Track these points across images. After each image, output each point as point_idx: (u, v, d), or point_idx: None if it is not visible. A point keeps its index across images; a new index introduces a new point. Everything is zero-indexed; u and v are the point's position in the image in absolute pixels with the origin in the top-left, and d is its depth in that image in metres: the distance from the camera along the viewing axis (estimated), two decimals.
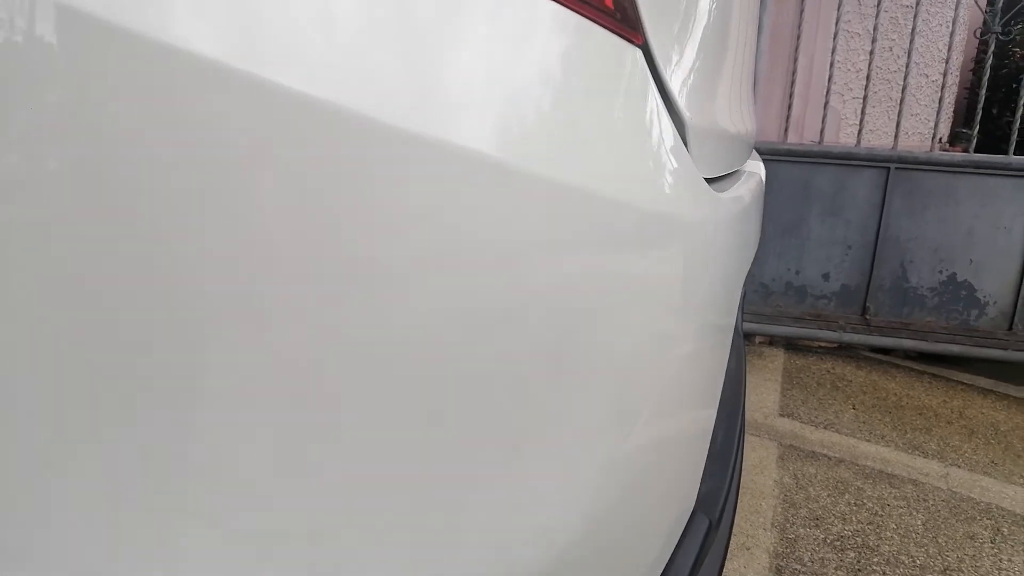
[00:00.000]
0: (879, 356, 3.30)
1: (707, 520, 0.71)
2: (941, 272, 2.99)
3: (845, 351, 3.29)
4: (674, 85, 0.55)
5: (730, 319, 0.72)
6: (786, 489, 2.18)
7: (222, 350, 0.29)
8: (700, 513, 0.70)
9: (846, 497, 2.14)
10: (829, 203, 2.99)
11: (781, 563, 1.81)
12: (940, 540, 1.98)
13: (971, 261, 2.96)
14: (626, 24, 0.47)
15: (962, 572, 1.85)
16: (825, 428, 2.60)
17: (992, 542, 2.00)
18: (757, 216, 0.92)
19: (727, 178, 0.79)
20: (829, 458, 2.38)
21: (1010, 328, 2.97)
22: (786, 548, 1.87)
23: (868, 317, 3.06)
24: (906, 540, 1.96)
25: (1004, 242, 2.92)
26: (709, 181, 0.66)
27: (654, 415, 0.50)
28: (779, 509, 2.06)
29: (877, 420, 2.71)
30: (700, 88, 0.63)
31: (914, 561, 1.88)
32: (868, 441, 2.53)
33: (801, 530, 1.96)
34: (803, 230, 3.03)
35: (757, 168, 0.90)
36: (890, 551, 1.90)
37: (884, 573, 1.81)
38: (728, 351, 0.75)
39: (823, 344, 3.21)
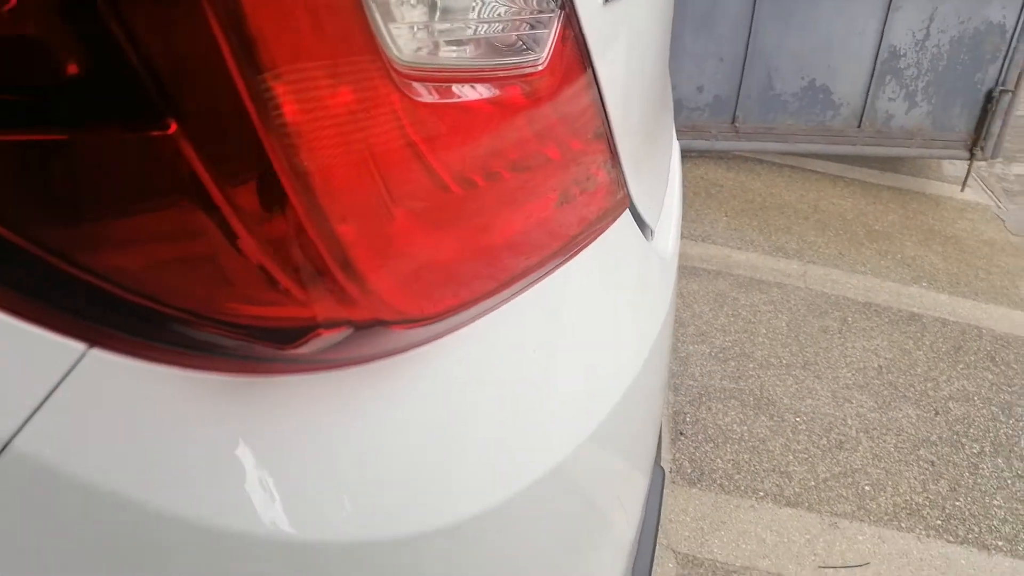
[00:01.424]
0: (746, 154, 3.60)
1: (661, 469, 0.93)
2: (803, 78, 3.22)
3: (716, 154, 3.56)
4: (644, 213, 0.69)
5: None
6: (675, 309, 2.50)
7: None
8: (657, 465, 0.92)
9: (725, 309, 2.49)
10: (702, 18, 3.08)
11: (677, 381, 2.15)
12: (801, 338, 2.38)
13: (828, 66, 3.19)
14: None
15: (818, 364, 2.27)
16: (703, 241, 2.91)
17: (840, 333, 2.42)
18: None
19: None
20: (708, 272, 2.70)
21: (859, 126, 3.29)
22: (680, 367, 2.21)
23: (737, 125, 3.30)
24: (774, 343, 2.35)
25: (857, 46, 3.15)
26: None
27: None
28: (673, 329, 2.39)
29: (746, 225, 3.04)
30: (650, 197, 0.76)
31: (781, 361, 2.27)
32: (740, 249, 2.87)
33: (691, 347, 2.30)
34: (678, 46, 3.13)
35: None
36: (762, 355, 2.29)
37: (759, 376, 2.20)
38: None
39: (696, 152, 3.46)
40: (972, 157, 3.31)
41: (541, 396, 0.51)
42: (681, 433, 1.97)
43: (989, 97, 3.20)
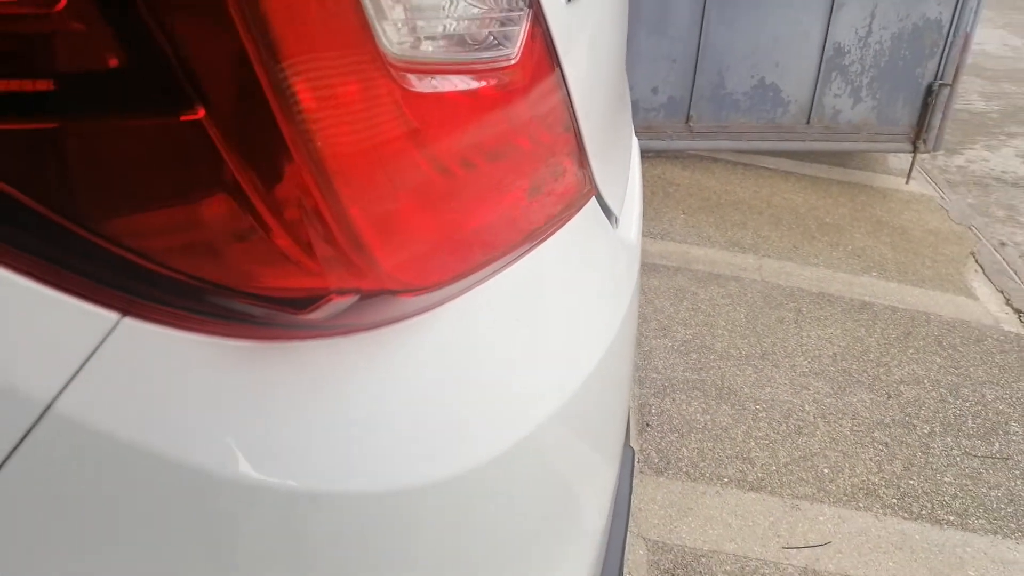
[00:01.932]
0: (702, 153, 3.68)
1: (631, 450, 0.97)
2: (753, 77, 3.31)
3: (672, 153, 3.63)
4: (609, 201, 0.72)
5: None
6: (638, 304, 2.55)
7: None
8: (627, 445, 0.96)
9: (685, 304, 2.55)
10: (655, 21, 3.15)
11: (642, 374, 2.20)
12: (758, 329, 2.45)
13: (777, 64, 3.28)
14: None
15: (775, 354, 2.34)
16: (662, 239, 2.97)
17: (796, 323, 2.50)
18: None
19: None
20: (668, 268, 2.76)
21: (808, 122, 3.39)
22: (644, 360, 2.26)
23: (691, 124, 3.37)
24: (734, 334, 2.41)
25: (803, 44, 3.25)
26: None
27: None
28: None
29: (703, 222, 3.11)
30: (614, 187, 0.79)
31: (740, 352, 2.33)
32: (697, 245, 2.94)
33: (654, 341, 2.35)
34: (633, 48, 3.20)
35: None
36: (722, 347, 2.35)
37: (720, 367, 2.26)
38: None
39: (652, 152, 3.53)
40: (915, 150, 3.43)
41: (519, 368, 0.55)
42: (647, 424, 2.01)
43: (929, 91, 3.33)
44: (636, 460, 1.88)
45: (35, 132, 0.34)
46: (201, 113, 0.35)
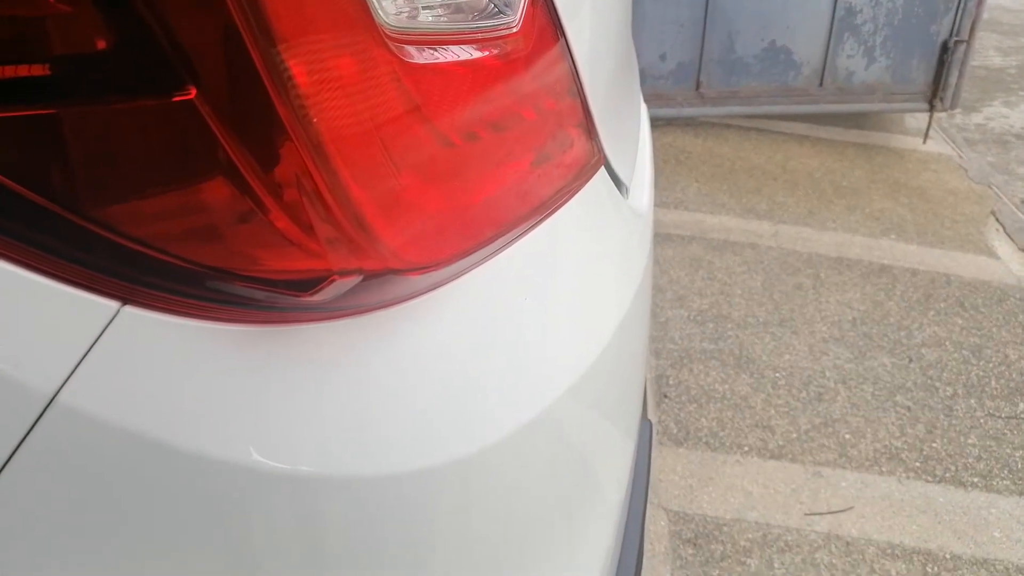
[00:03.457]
0: (713, 120, 3.63)
1: (649, 423, 0.96)
2: (763, 40, 3.24)
3: (683, 121, 3.59)
4: (619, 170, 0.71)
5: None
6: (652, 274, 2.53)
7: None
8: (645, 419, 0.95)
9: (701, 273, 2.53)
10: None
11: (659, 345, 2.19)
12: (776, 296, 2.43)
13: (788, 26, 3.21)
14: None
15: (794, 321, 2.31)
16: (675, 208, 2.94)
17: (814, 288, 2.47)
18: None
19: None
20: (682, 237, 2.74)
21: (821, 84, 3.33)
22: (660, 331, 2.24)
23: (702, 91, 3.32)
24: (750, 302, 2.39)
25: (814, 5, 3.18)
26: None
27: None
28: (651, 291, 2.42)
29: (717, 189, 3.08)
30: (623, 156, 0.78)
31: (758, 320, 2.31)
32: (712, 213, 2.91)
33: (670, 312, 2.34)
34: (639, 14, 3.14)
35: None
36: (739, 315, 2.33)
37: (737, 335, 2.24)
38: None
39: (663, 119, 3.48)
40: (932, 109, 3.37)
41: (532, 343, 0.54)
42: (665, 395, 2.00)
43: (945, 48, 3.25)
44: (655, 432, 1.88)
45: (26, 119, 0.34)
46: (193, 93, 0.34)
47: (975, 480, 1.78)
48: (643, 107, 1.16)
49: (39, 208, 0.34)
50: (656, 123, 3.53)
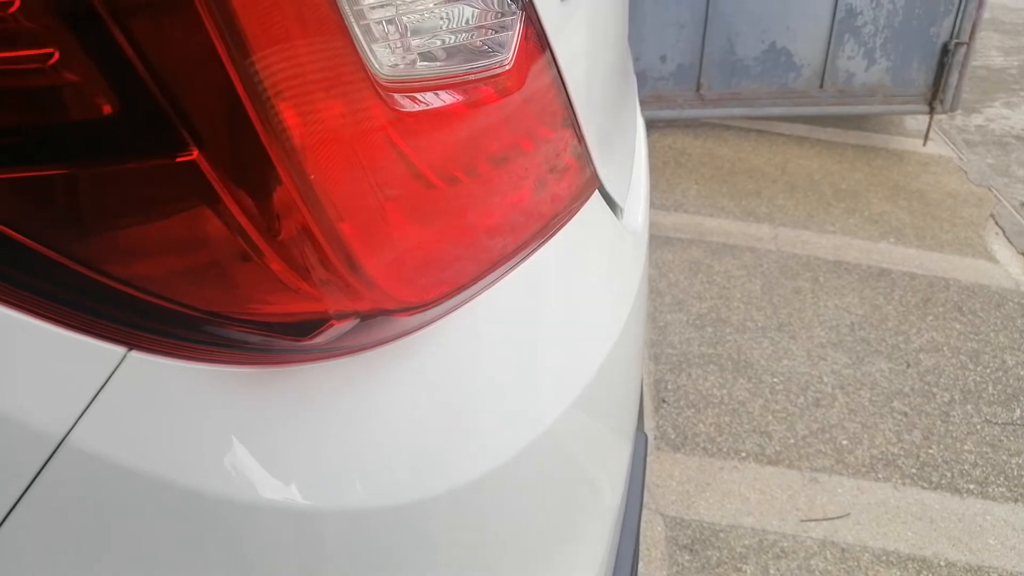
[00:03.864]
0: (713, 121, 3.63)
1: (644, 436, 0.97)
2: (763, 41, 3.24)
3: (683, 122, 3.59)
4: (613, 192, 0.71)
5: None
6: (651, 279, 2.54)
7: None
8: (640, 431, 0.96)
9: (700, 276, 2.54)
10: None
11: (657, 350, 2.20)
12: (775, 300, 2.43)
13: (788, 28, 3.21)
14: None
15: (792, 325, 2.32)
16: (675, 210, 2.95)
17: (812, 292, 2.48)
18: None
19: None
20: (681, 240, 2.74)
21: (821, 86, 3.33)
22: (659, 336, 2.25)
23: (702, 92, 3.32)
24: (749, 306, 2.40)
25: (814, 6, 3.18)
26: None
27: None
28: (648, 300, 2.43)
29: (716, 192, 3.08)
30: (618, 176, 0.79)
31: (757, 324, 2.32)
32: (711, 216, 2.91)
33: (669, 316, 2.34)
34: (639, 15, 3.15)
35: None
36: (738, 320, 2.33)
37: (736, 340, 2.25)
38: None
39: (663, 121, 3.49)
40: (932, 110, 3.37)
41: (527, 369, 0.55)
42: (663, 400, 2.01)
43: (945, 50, 3.25)
44: (653, 437, 1.89)
45: (36, 179, 0.35)
46: (195, 153, 0.35)
47: (971, 487, 1.79)
48: (640, 120, 1.16)
49: (49, 261, 0.36)
50: (656, 125, 3.54)
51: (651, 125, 3.58)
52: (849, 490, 1.77)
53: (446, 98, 0.45)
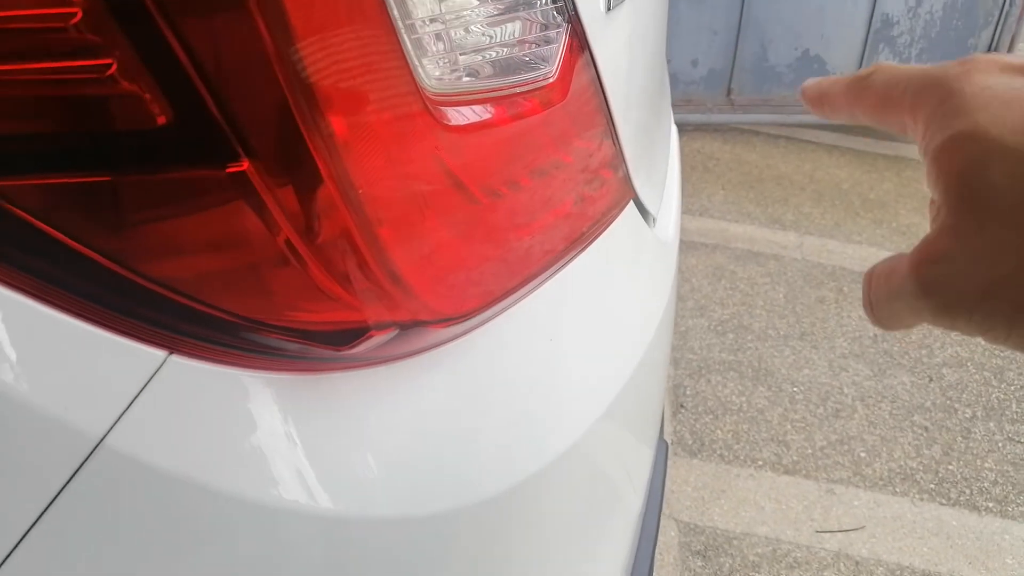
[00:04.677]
0: (742, 127, 3.62)
1: (666, 444, 0.98)
2: (796, 49, 3.23)
3: (712, 127, 3.57)
4: (646, 202, 0.72)
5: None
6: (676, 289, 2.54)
7: None
8: (661, 439, 0.97)
9: (723, 283, 2.53)
10: None
11: (677, 355, 2.20)
12: (798, 309, 2.42)
13: (822, 36, 3.20)
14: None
15: (815, 335, 2.31)
16: (700, 215, 2.94)
17: (836, 303, 2.47)
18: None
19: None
20: (706, 245, 2.74)
21: None
22: (680, 341, 2.25)
23: (732, 97, 3.31)
24: (772, 314, 2.39)
25: (850, 15, 3.15)
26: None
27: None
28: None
29: (743, 198, 3.07)
30: (652, 186, 0.79)
31: (779, 332, 2.31)
32: (737, 222, 2.91)
33: (691, 321, 2.34)
34: (672, 20, 3.14)
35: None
36: (760, 327, 2.33)
37: (757, 347, 2.24)
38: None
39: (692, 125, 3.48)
40: None
41: (559, 380, 0.56)
42: (682, 406, 2.02)
43: None
44: (670, 442, 1.89)
45: (88, 185, 0.36)
46: (245, 165, 0.36)
47: (990, 505, 1.78)
48: (673, 130, 1.17)
49: (97, 265, 0.37)
50: (685, 128, 3.53)
51: (680, 129, 3.57)
52: (865, 503, 1.77)
53: (491, 111, 0.46)
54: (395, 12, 0.39)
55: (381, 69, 0.39)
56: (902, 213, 3.02)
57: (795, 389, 2.08)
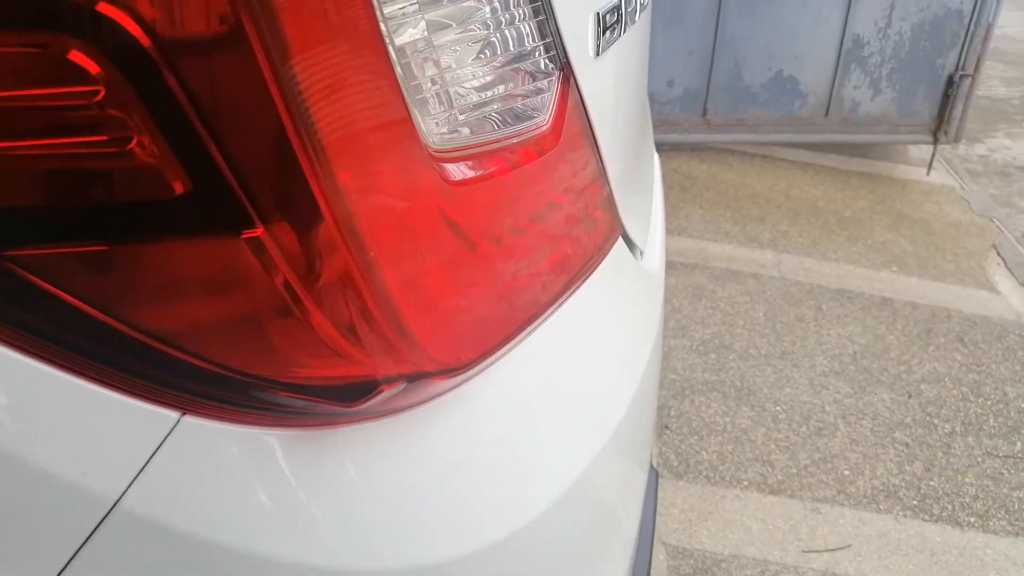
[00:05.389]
0: (718, 146, 3.66)
1: (656, 472, 0.98)
2: (770, 69, 3.28)
3: (689, 146, 3.61)
4: (633, 235, 0.73)
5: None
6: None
7: None
8: (652, 468, 0.97)
9: (703, 302, 2.55)
10: (671, 12, 3.13)
11: (661, 376, 2.20)
12: (777, 328, 2.45)
13: (795, 57, 3.25)
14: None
15: (795, 353, 2.34)
16: (679, 235, 2.97)
17: (815, 321, 2.49)
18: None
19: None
20: (685, 265, 2.76)
21: (826, 114, 3.37)
22: (662, 362, 2.26)
23: (708, 117, 3.35)
24: (752, 333, 2.41)
25: (822, 36, 3.21)
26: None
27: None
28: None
29: (720, 216, 3.10)
30: (638, 219, 0.80)
31: (760, 351, 2.33)
32: (715, 241, 2.93)
33: (672, 341, 2.35)
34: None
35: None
36: (741, 346, 2.35)
37: (739, 367, 2.26)
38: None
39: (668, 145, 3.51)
40: (936, 141, 3.40)
41: (558, 419, 0.56)
42: (666, 427, 2.02)
43: (950, 82, 3.29)
44: (656, 464, 1.90)
45: (105, 252, 0.37)
46: (260, 230, 0.37)
47: (972, 520, 1.80)
48: (656, 160, 1.18)
49: (115, 331, 0.38)
50: (662, 148, 3.56)
51: (657, 148, 3.60)
52: (851, 521, 1.78)
53: (490, 163, 0.46)
54: (399, 72, 0.39)
55: (388, 126, 0.40)
56: (877, 230, 3.07)
57: (778, 408, 2.10)
